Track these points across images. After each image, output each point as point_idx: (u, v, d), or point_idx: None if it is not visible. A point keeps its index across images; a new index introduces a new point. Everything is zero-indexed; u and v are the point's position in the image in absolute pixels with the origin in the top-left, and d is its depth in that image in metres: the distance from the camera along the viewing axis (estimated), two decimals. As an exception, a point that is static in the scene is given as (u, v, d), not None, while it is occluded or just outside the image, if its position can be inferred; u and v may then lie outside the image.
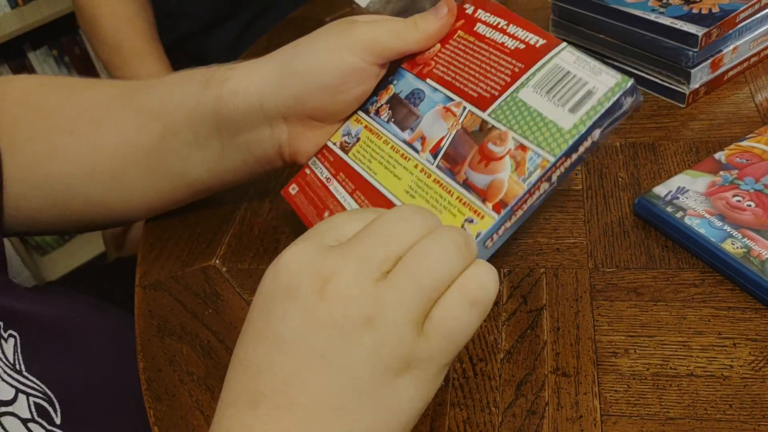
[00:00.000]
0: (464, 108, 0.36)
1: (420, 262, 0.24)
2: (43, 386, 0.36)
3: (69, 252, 1.67)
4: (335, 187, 0.39)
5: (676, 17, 0.46)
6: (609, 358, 0.33)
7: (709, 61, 0.46)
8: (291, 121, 0.39)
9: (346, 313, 0.23)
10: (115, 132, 0.42)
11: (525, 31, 0.36)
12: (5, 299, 0.39)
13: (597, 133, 0.32)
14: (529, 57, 0.35)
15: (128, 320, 0.43)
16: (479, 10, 0.39)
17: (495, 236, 0.32)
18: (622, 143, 0.45)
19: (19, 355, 0.37)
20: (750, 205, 0.37)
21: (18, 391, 0.34)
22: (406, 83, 0.39)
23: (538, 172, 0.32)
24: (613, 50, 0.51)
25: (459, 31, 0.39)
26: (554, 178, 0.32)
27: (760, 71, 0.50)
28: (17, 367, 0.36)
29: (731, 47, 0.47)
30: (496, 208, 0.32)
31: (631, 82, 0.32)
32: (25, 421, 0.34)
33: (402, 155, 0.37)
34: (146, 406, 0.35)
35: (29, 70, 1.60)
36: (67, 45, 1.66)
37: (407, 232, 0.25)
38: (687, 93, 0.47)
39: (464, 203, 0.33)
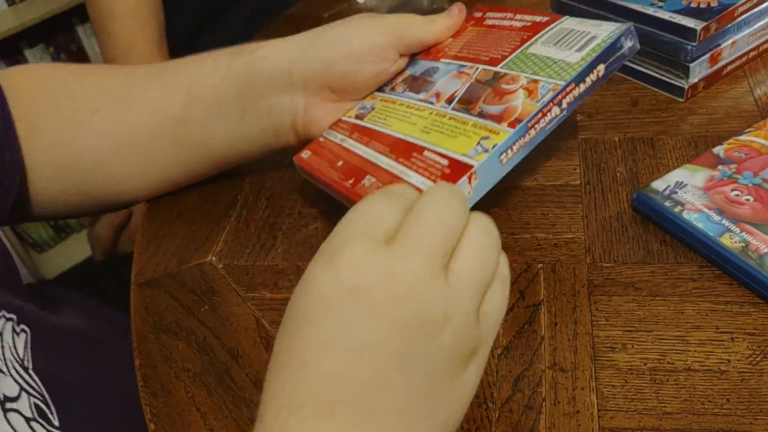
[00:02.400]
0: (477, 68, 0.39)
1: (477, 256, 0.25)
2: (41, 387, 0.36)
3: (65, 250, 1.67)
4: (350, 144, 0.40)
5: (674, 11, 0.46)
6: (606, 353, 0.33)
7: (708, 55, 0.46)
8: (310, 91, 0.42)
9: (427, 314, 0.23)
10: (140, 105, 0.43)
11: (531, 15, 0.40)
12: (16, 295, 0.39)
13: (602, 68, 0.35)
14: (536, 28, 0.39)
15: (122, 320, 0.43)
16: (488, 13, 0.43)
17: (509, 152, 0.33)
18: (620, 138, 0.45)
19: (29, 351, 0.37)
20: (748, 200, 0.37)
21: (21, 388, 0.34)
22: (420, 66, 0.43)
23: (550, 94, 0.34)
24: (611, 45, 0.51)
25: (469, 27, 0.43)
26: (564, 104, 0.34)
27: (759, 65, 0.49)
28: (25, 363, 0.36)
29: (730, 41, 0.47)
30: (512, 125, 0.34)
31: (629, 25, 0.36)
32: (28, 420, 0.34)
33: (417, 109, 0.39)
34: (142, 402, 0.35)
35: (26, 67, 1.60)
36: (64, 43, 1.66)
37: (454, 221, 0.25)
38: (686, 87, 0.47)
39: (479, 127, 0.35)
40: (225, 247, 0.44)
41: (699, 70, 0.46)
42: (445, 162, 0.34)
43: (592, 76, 0.35)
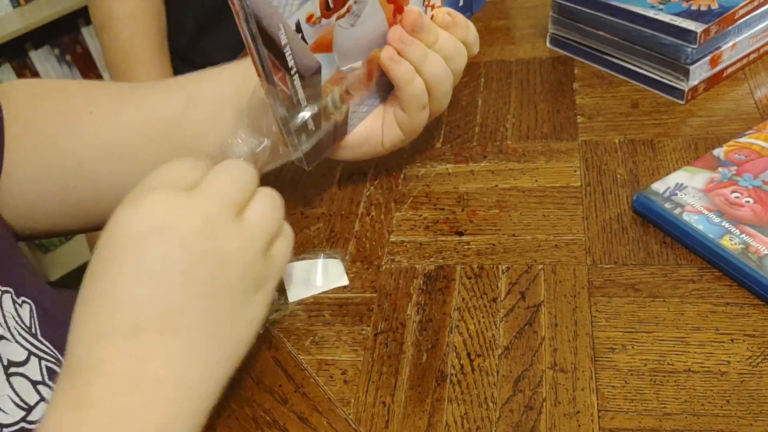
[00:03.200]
0: None
1: (265, 209, 0.31)
2: (55, 351, 0.36)
3: (71, 250, 1.67)
4: None
5: (675, 14, 0.46)
6: (606, 354, 0.33)
7: (708, 57, 0.46)
8: None
9: (226, 247, 0.28)
10: (136, 105, 0.43)
11: None
12: (17, 271, 0.39)
13: None
14: None
15: None
16: None
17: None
18: (620, 140, 0.45)
19: (36, 319, 0.37)
20: (748, 202, 0.37)
21: (30, 353, 0.35)
22: None
23: None
24: (612, 47, 0.51)
25: None
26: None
27: (760, 68, 0.49)
28: (33, 330, 0.36)
29: (730, 44, 0.47)
30: None
31: None
32: (35, 383, 0.34)
33: None
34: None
35: (31, 69, 1.60)
36: (69, 44, 1.66)
37: (246, 182, 0.30)
38: (686, 90, 0.47)
39: None
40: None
41: (699, 72, 0.47)
42: None
43: None
